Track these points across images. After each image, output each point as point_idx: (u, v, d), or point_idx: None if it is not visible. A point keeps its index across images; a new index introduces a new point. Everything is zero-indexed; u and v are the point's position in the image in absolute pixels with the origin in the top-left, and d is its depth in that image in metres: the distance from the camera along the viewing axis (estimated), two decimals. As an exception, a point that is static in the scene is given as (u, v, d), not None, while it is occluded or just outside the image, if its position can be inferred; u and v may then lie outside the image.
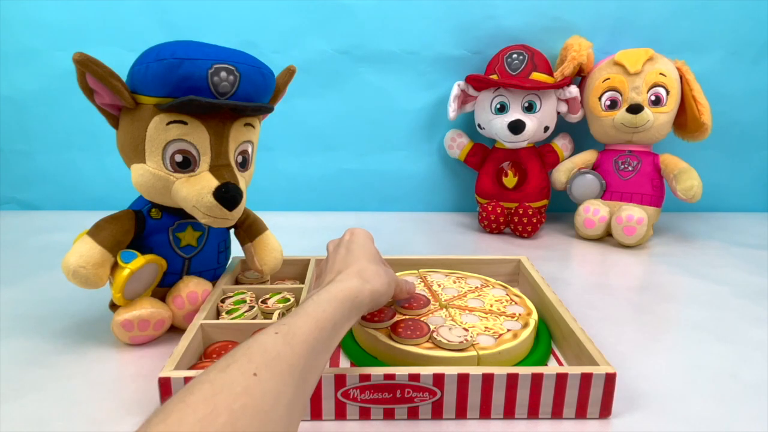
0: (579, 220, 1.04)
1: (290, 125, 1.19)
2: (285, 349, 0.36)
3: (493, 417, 0.50)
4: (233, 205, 0.58)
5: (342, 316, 0.44)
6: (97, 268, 0.58)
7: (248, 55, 0.59)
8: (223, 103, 0.56)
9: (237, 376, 0.32)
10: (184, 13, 1.10)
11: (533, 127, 1.03)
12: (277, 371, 0.35)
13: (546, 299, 0.65)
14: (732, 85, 1.17)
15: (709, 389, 0.55)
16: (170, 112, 0.56)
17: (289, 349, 0.37)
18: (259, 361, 0.34)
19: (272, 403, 0.33)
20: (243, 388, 0.32)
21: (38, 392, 0.53)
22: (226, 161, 0.60)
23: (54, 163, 1.19)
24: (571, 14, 1.12)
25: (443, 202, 1.27)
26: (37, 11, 1.09)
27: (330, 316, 0.42)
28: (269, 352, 0.35)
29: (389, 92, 1.18)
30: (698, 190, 0.98)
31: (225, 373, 0.33)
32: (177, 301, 0.64)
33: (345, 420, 0.49)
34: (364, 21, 1.13)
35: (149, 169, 0.59)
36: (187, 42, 0.57)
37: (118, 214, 0.62)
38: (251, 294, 0.66)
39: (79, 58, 0.54)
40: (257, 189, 0.89)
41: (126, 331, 0.61)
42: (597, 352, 0.51)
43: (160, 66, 0.55)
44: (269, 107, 0.61)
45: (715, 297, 0.78)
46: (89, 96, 0.58)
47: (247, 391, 0.32)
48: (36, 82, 1.12)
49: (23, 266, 0.87)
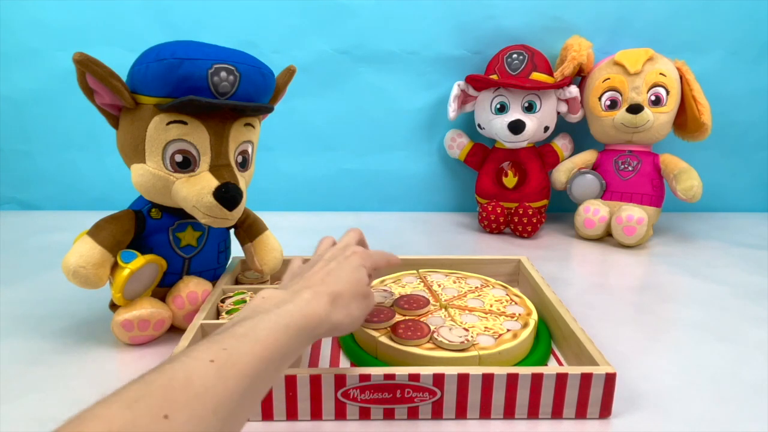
0: (579, 220, 1.04)
1: (290, 125, 1.19)
2: (217, 384, 0.30)
3: (493, 417, 0.49)
4: (233, 205, 0.58)
5: (295, 346, 0.38)
6: (96, 268, 0.58)
7: (248, 55, 0.59)
8: (223, 103, 0.56)
9: (142, 418, 0.26)
10: (184, 13, 1.10)
11: (533, 127, 1.03)
12: (198, 412, 0.29)
13: (546, 299, 0.65)
14: (732, 85, 1.17)
15: (709, 389, 0.55)
16: (170, 112, 0.56)
17: (222, 384, 0.31)
18: (176, 399, 0.28)
19: None
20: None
21: (38, 392, 0.53)
22: (226, 161, 0.60)
23: (54, 163, 1.19)
24: (571, 14, 1.12)
25: (443, 202, 1.27)
26: (38, 11, 1.09)
27: (283, 345, 0.36)
28: (194, 386, 0.29)
29: (389, 92, 1.18)
30: (698, 190, 0.98)
31: (129, 410, 0.27)
32: (177, 301, 0.64)
33: (345, 420, 0.49)
34: (364, 21, 1.13)
35: (149, 169, 0.59)
36: (187, 42, 0.57)
37: (118, 214, 0.62)
38: (251, 294, 0.66)
39: (79, 58, 0.54)
40: (257, 189, 0.89)
41: (126, 331, 0.61)
42: (597, 352, 0.51)
43: (160, 66, 0.55)
44: (269, 107, 0.62)
45: (715, 297, 0.78)
46: (89, 96, 0.58)
47: None
48: (36, 82, 1.12)
49: (23, 266, 0.87)
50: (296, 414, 0.49)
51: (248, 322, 0.37)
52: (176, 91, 0.55)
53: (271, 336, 0.36)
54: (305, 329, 0.39)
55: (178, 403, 0.28)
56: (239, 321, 0.37)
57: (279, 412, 0.49)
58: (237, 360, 0.33)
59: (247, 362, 0.33)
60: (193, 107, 0.56)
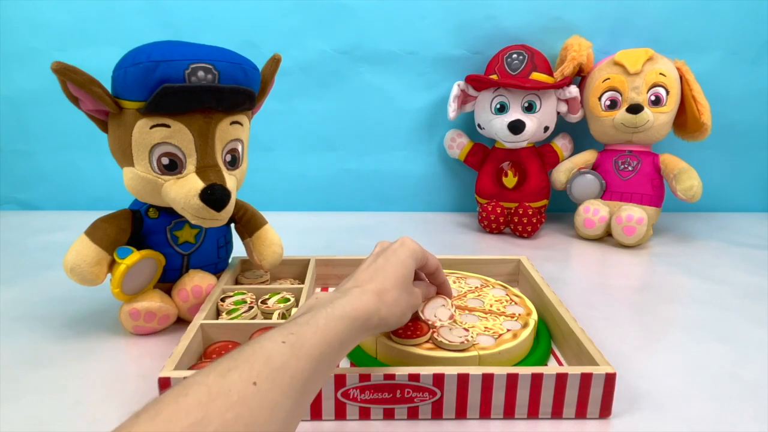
0: (579, 220, 1.04)
1: (290, 125, 1.19)
2: (290, 360, 0.35)
3: (493, 417, 0.50)
4: (220, 206, 0.58)
5: (351, 336, 0.42)
6: (92, 266, 0.59)
7: (228, 52, 0.58)
8: (197, 86, 0.55)
9: (236, 383, 0.31)
10: (184, 13, 1.10)
11: (533, 127, 1.03)
12: (278, 383, 0.33)
13: (546, 299, 0.65)
14: (732, 85, 1.17)
15: (709, 389, 0.55)
16: (151, 113, 0.56)
17: (295, 361, 0.35)
18: (261, 370, 0.33)
19: (268, 416, 0.31)
20: (240, 397, 0.31)
21: (38, 392, 0.53)
22: (212, 162, 0.60)
23: (54, 163, 1.19)
24: (571, 14, 1.12)
25: (443, 202, 1.27)
26: (37, 11, 1.09)
27: (340, 333, 0.40)
28: (273, 362, 0.34)
29: (389, 92, 1.18)
30: (698, 190, 0.98)
31: (223, 379, 0.31)
32: (181, 294, 0.65)
33: (345, 420, 0.49)
34: (364, 21, 1.13)
35: (138, 172, 0.59)
36: (164, 43, 0.56)
37: (115, 214, 0.63)
38: (251, 294, 0.66)
39: (57, 67, 0.54)
40: (257, 189, 0.89)
41: (132, 320, 0.62)
42: (597, 352, 0.51)
43: (137, 70, 0.54)
44: (246, 90, 0.60)
45: (715, 297, 0.78)
46: (75, 103, 0.58)
47: (243, 400, 0.31)
48: (36, 82, 1.13)
49: (23, 266, 0.87)
50: (296, 414, 0.49)
51: (307, 314, 0.41)
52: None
53: (330, 324, 0.40)
54: (357, 320, 0.43)
55: (263, 374, 0.33)
56: (299, 315, 0.41)
57: (279, 412, 0.49)
58: (303, 342, 0.37)
59: (312, 345, 0.37)
60: (168, 99, 0.54)
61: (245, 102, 0.61)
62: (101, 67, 0.63)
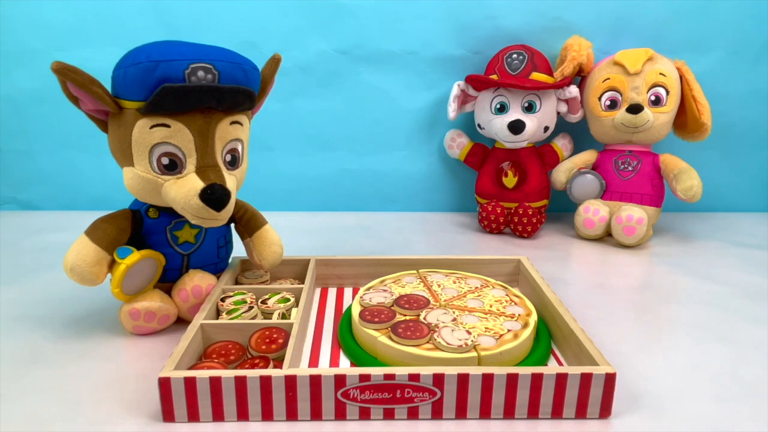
0: (579, 220, 1.04)
1: (290, 125, 1.19)
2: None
3: (493, 417, 0.49)
4: (220, 206, 0.58)
5: None
6: (91, 266, 0.59)
7: (228, 52, 0.58)
8: (197, 86, 0.55)
9: None
10: (184, 13, 1.10)
11: (533, 127, 1.03)
12: None
13: (546, 299, 0.65)
14: (732, 85, 1.17)
15: (709, 389, 0.55)
16: (150, 113, 0.56)
17: None
18: None
19: None
20: None
21: (38, 392, 0.53)
22: (212, 162, 0.60)
23: (54, 163, 1.19)
24: (571, 14, 1.12)
25: (443, 202, 1.27)
26: (37, 11, 1.09)
27: None
28: None
29: (389, 92, 1.18)
30: (698, 190, 0.98)
31: None
32: (182, 294, 0.65)
33: (345, 420, 0.49)
34: (364, 21, 1.13)
35: (138, 172, 0.59)
36: (163, 42, 0.56)
37: (115, 214, 0.63)
38: (251, 294, 0.66)
39: (56, 67, 0.54)
40: (257, 189, 0.89)
41: (132, 320, 0.62)
42: (597, 352, 0.51)
43: (136, 70, 0.54)
44: (246, 90, 0.60)
45: (715, 297, 0.78)
46: (75, 103, 0.58)
47: None
48: (36, 82, 1.13)
49: (23, 266, 0.87)
50: (296, 414, 0.49)
51: None
52: None
53: None
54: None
55: None
56: None
57: (279, 412, 0.49)
58: None
59: None
60: (168, 98, 0.54)
61: (245, 102, 0.61)
62: (101, 67, 0.63)
